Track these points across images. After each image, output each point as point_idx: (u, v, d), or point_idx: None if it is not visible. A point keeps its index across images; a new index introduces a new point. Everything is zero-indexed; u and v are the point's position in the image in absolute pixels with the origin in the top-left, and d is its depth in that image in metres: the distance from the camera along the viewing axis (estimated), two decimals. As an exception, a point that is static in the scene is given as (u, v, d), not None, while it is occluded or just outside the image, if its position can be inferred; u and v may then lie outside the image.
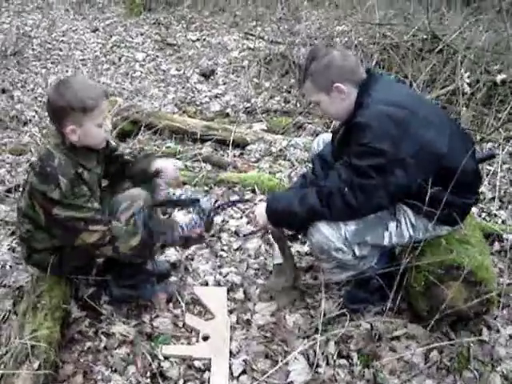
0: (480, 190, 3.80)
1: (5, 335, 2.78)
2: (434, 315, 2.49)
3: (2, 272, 3.22)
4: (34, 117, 5.59)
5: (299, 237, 3.41)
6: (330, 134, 3.04)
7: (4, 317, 2.93)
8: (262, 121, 5.32)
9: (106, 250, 2.60)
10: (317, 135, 4.66)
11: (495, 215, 3.66)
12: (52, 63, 7.44)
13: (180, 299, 3.04)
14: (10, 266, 3.24)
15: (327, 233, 2.54)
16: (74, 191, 2.49)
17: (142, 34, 8.50)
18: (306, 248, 3.36)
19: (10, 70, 7.10)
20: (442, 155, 2.48)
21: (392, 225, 2.60)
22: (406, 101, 2.51)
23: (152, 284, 3.07)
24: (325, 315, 2.79)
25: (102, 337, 2.82)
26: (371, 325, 2.74)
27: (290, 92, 6.02)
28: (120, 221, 2.66)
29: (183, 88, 6.36)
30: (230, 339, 2.76)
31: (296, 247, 3.36)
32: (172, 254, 3.42)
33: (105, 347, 2.77)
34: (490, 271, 2.57)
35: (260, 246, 3.44)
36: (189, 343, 2.79)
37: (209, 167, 4.49)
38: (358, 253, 2.58)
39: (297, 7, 8.69)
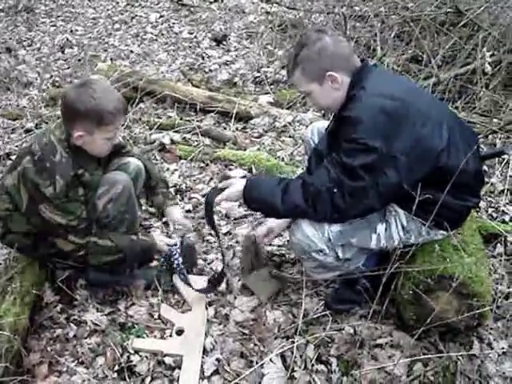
0: (490, 182, 3.61)
1: (-30, 319, 2.66)
2: (421, 325, 2.30)
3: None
4: (36, 79, 5.42)
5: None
6: (325, 123, 2.83)
7: (-26, 298, 2.81)
8: (269, 93, 5.09)
9: (78, 258, 2.62)
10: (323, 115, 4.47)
11: (503, 212, 3.42)
12: (62, 21, 7.26)
13: (158, 286, 2.90)
14: (-13, 243, 3.09)
15: (309, 233, 2.36)
16: (68, 194, 2.44)
17: (156, -7, 8.24)
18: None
19: (19, 27, 6.94)
20: (438, 152, 2.25)
21: (381, 227, 2.41)
22: (401, 92, 2.28)
23: (131, 269, 2.93)
24: (307, 315, 2.65)
25: (73, 324, 2.72)
26: (354, 329, 2.58)
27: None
28: (97, 207, 2.60)
29: (193, 53, 6.14)
30: (206, 334, 2.63)
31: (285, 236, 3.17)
32: (157, 235, 3.26)
33: (75, 336, 2.68)
34: (485, 284, 2.36)
35: (250, 233, 3.25)
36: (162, 336, 2.67)
37: (208, 141, 4.30)
38: (341, 255, 2.40)
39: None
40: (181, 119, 4.62)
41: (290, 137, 4.31)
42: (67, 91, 2.47)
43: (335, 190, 2.23)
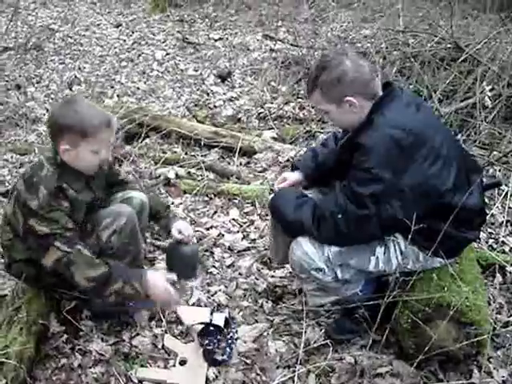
0: (491, 213, 3.66)
1: (-23, 349, 2.71)
2: (421, 354, 2.34)
3: (-12, 278, 3.15)
4: (44, 115, 5.52)
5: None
6: None
7: (-20, 328, 2.86)
8: (272, 128, 5.18)
9: (66, 276, 2.56)
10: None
11: (503, 242, 3.47)
12: (71, 58, 7.39)
13: (162, 317, 2.94)
14: (-2, 273, 3.15)
15: (309, 251, 2.43)
16: (51, 203, 2.46)
17: (164, 31, 8.39)
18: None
19: (28, 65, 7.07)
20: (443, 192, 2.33)
21: (379, 250, 2.46)
22: (419, 126, 2.32)
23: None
24: (308, 345, 2.68)
25: (78, 354, 2.75)
26: (355, 359, 2.61)
27: (305, 98, 5.85)
28: (101, 238, 2.64)
29: (198, 90, 6.24)
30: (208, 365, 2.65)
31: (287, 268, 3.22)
32: (161, 267, 3.32)
33: (79, 365, 2.70)
34: (483, 312, 2.41)
35: (252, 265, 3.31)
36: (165, 366, 2.69)
37: (212, 176, 4.37)
38: (339, 275, 2.45)
39: (324, 8, 8.55)
40: (186, 154, 4.70)
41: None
42: (52, 110, 2.60)
43: (339, 216, 2.32)
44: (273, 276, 3.21)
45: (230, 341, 2.75)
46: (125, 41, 8.11)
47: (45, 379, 2.62)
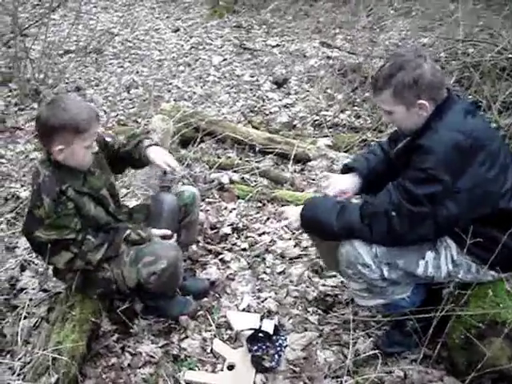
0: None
1: (32, 343, 2.77)
2: (473, 371, 2.28)
3: (45, 276, 3.22)
4: (102, 117, 5.62)
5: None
6: None
7: (36, 323, 2.93)
8: (327, 136, 5.15)
9: (80, 266, 2.64)
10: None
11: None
12: (129, 62, 7.51)
13: (212, 322, 2.97)
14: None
15: (357, 245, 2.40)
16: (57, 210, 2.50)
17: (221, 37, 8.44)
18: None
19: (88, 67, 7.22)
20: (499, 196, 2.29)
21: (430, 255, 2.41)
22: (477, 131, 2.28)
23: (184, 303, 3.01)
24: (357, 356, 2.65)
25: (128, 354, 2.79)
26: (405, 373, 2.56)
27: (361, 106, 5.81)
28: (141, 274, 2.66)
29: (254, 96, 6.26)
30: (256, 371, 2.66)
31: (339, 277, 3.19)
32: (213, 271, 3.34)
33: (129, 365, 2.75)
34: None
35: (303, 273, 3.30)
36: (213, 370, 2.71)
37: (266, 182, 4.38)
38: (386, 274, 2.41)
39: (382, 16, 8.47)
40: (240, 159, 4.72)
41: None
42: (39, 112, 2.53)
43: (393, 214, 2.27)
44: (324, 285, 3.19)
45: (278, 348, 2.74)
46: (183, 46, 8.19)
47: (95, 377, 2.66)
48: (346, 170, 2.83)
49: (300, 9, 9.60)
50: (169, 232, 2.77)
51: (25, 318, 2.90)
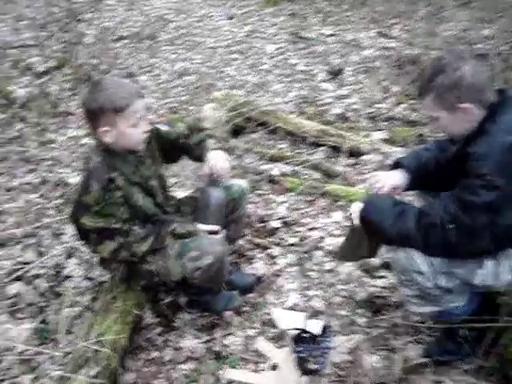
0: None
1: (75, 333, 2.75)
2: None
3: (90, 264, 3.20)
4: (154, 104, 5.60)
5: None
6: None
7: (79, 312, 2.91)
8: (382, 129, 5.00)
9: (125, 257, 2.58)
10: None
11: None
12: (183, 49, 7.48)
13: (256, 319, 2.89)
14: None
15: (413, 252, 2.26)
16: (105, 198, 2.45)
17: (275, 25, 8.31)
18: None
19: (141, 54, 7.21)
20: None
21: (489, 264, 2.25)
22: None
23: (229, 298, 2.95)
24: (406, 363, 2.54)
25: (170, 349, 2.75)
26: (456, 384, 2.44)
27: (418, 99, 5.60)
28: (185, 268, 2.60)
29: (307, 86, 6.13)
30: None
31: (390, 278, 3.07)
32: (260, 266, 3.27)
33: (170, 360, 2.71)
34: None
35: (353, 272, 3.18)
36: (256, 370, 2.64)
37: (317, 175, 4.27)
38: (441, 283, 2.26)
39: (442, 6, 8.22)
40: (291, 151, 4.62)
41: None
42: (82, 99, 2.51)
43: (450, 226, 2.14)
44: (373, 285, 3.07)
45: (324, 350, 2.65)
46: (236, 33, 8.10)
47: (135, 370, 2.64)
48: (395, 165, 2.70)
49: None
50: (216, 227, 2.70)
51: (69, 306, 2.88)
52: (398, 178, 2.60)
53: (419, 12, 7.90)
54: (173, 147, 2.86)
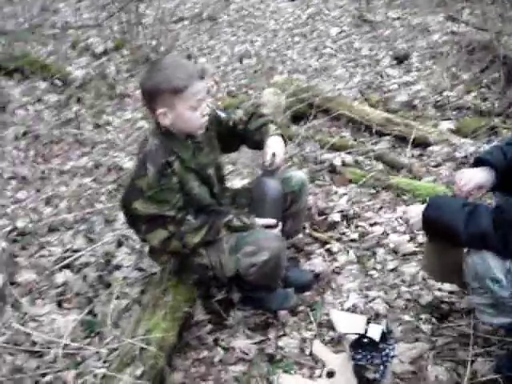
0: None
1: (121, 328, 2.63)
2: None
3: (141, 254, 3.09)
4: (213, 87, 5.46)
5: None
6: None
7: (127, 305, 2.79)
8: (450, 119, 4.72)
9: (175, 247, 2.46)
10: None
11: None
12: (244, 31, 7.33)
13: (313, 320, 2.71)
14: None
15: (489, 257, 2.02)
16: (160, 182, 2.32)
17: (340, 7, 8.03)
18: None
19: (201, 35, 7.08)
20: None
21: None
22: None
23: (285, 296, 2.78)
24: (474, 377, 2.31)
25: (220, 348, 2.60)
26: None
27: (490, 88, 5.30)
28: (240, 263, 2.46)
29: (372, 71, 5.88)
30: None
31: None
32: (319, 263, 3.08)
33: (220, 361, 2.55)
34: None
35: (418, 272, 2.96)
36: (311, 375, 2.46)
37: (381, 166, 4.04)
38: None
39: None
40: (354, 140, 4.41)
41: (471, 169, 3.93)
42: (141, 78, 2.41)
43: None
44: (440, 289, 2.83)
45: (385, 358, 2.44)
46: (299, 15, 7.89)
47: (184, 370, 2.51)
48: (479, 163, 2.45)
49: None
50: (273, 221, 2.53)
51: (117, 297, 2.77)
52: (483, 176, 2.36)
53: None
54: (231, 134, 2.71)
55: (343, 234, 3.34)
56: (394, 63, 6.08)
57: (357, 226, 3.39)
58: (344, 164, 3.99)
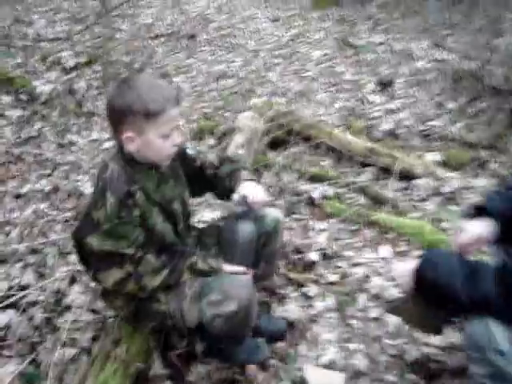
0: None
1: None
2: None
3: (95, 293, 2.76)
4: (187, 107, 5.18)
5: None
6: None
7: (75, 355, 2.46)
8: (436, 150, 4.48)
9: (131, 290, 2.13)
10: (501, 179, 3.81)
11: None
12: (221, 51, 7.04)
13: (285, 375, 2.41)
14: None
15: (492, 325, 1.76)
16: (120, 215, 1.99)
17: (322, 30, 7.81)
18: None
19: (178, 53, 6.81)
20: None
21: None
22: None
23: (255, 348, 2.47)
24: None
25: (182, 408, 2.27)
26: None
27: (476, 118, 5.07)
28: (203, 313, 2.13)
29: (353, 97, 5.63)
30: None
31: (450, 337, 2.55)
32: (293, 309, 2.79)
33: (179, 424, 2.22)
34: None
35: (403, 324, 2.65)
36: None
37: (363, 200, 3.77)
38: None
39: (497, 18, 7.69)
40: (335, 171, 4.14)
41: (458, 206, 3.67)
42: (109, 93, 2.07)
43: None
44: (427, 344, 2.54)
45: None
46: (281, 37, 7.64)
47: None
48: (478, 211, 2.17)
49: (410, 6, 8.87)
50: (243, 269, 2.23)
51: (64, 344, 2.44)
52: (484, 227, 2.08)
53: (473, 23, 7.41)
54: (197, 177, 2.43)
55: (321, 275, 3.04)
56: (377, 89, 5.84)
57: (336, 267, 3.11)
58: (324, 196, 3.72)
